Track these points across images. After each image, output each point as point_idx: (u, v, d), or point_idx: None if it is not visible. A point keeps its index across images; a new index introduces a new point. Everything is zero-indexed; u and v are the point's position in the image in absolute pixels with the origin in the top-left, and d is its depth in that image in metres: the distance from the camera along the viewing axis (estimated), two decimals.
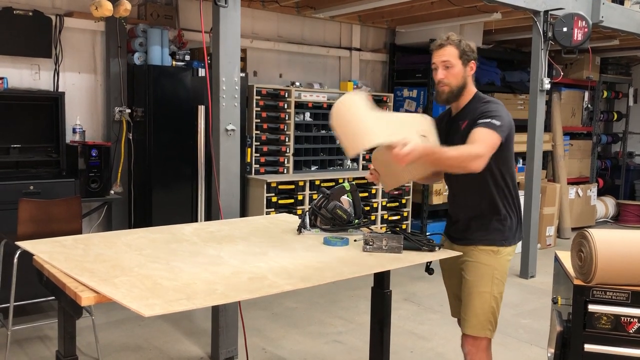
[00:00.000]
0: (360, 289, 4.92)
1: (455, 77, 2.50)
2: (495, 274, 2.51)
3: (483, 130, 2.35)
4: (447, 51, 2.50)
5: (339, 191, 2.93)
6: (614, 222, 8.58)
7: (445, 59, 2.50)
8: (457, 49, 2.49)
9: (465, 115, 2.52)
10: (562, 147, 7.68)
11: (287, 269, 2.22)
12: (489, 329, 2.52)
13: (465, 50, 2.49)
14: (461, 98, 2.55)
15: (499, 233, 2.52)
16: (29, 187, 3.98)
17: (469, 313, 2.53)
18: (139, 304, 1.77)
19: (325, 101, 5.78)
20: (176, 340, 3.88)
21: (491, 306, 2.50)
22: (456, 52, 2.49)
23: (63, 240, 2.55)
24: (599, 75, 8.22)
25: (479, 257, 2.52)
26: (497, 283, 2.51)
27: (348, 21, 6.36)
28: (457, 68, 2.50)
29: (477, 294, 2.51)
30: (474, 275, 2.52)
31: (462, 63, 2.50)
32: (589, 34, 5.13)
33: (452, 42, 2.49)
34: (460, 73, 2.50)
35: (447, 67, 2.50)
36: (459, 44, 2.49)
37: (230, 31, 3.47)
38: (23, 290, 3.57)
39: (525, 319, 4.44)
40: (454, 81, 2.51)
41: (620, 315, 2.11)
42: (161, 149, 4.74)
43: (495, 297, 2.51)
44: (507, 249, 2.53)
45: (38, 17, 4.40)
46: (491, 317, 2.51)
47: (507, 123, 2.40)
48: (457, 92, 2.52)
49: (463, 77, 2.51)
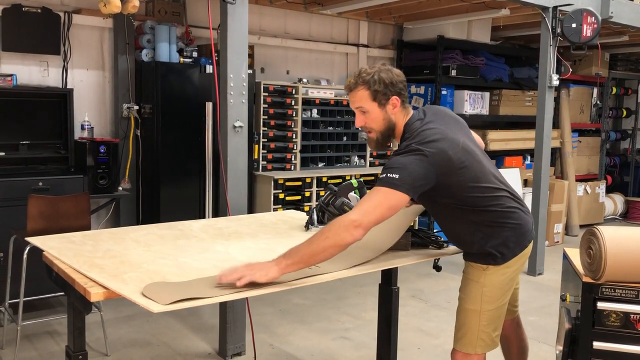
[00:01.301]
0: (367, 286, 4.93)
1: (375, 122, 2.20)
2: (484, 291, 2.29)
3: (371, 193, 2.05)
4: (358, 95, 2.18)
5: (346, 188, 2.92)
6: (623, 219, 8.53)
7: (357, 105, 2.20)
8: (368, 90, 2.16)
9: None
10: (570, 144, 7.63)
11: None
12: (479, 346, 2.31)
13: (377, 90, 2.15)
14: (396, 138, 2.26)
15: (483, 255, 2.28)
16: (38, 184, 4.00)
17: (459, 329, 2.36)
18: (148, 299, 1.78)
19: (333, 98, 5.78)
20: (184, 336, 3.89)
21: (480, 324, 2.29)
22: (367, 94, 2.16)
23: (72, 236, 2.56)
24: (608, 72, 8.16)
25: (469, 272, 2.35)
26: (487, 300, 2.29)
27: (355, 17, 6.34)
28: (374, 112, 2.18)
29: (464, 311, 2.33)
30: (463, 291, 2.36)
31: (378, 105, 2.18)
32: (598, 30, 5.09)
33: (363, 81, 2.16)
34: (379, 116, 2.19)
35: (363, 111, 2.21)
36: (371, 82, 2.15)
37: (238, 28, 3.47)
38: (32, 285, 3.59)
39: (533, 316, 4.43)
40: (375, 127, 2.22)
41: (630, 313, 2.10)
42: (169, 145, 4.75)
43: (486, 314, 2.30)
44: (498, 267, 2.28)
45: (47, 14, 4.42)
46: (482, 335, 2.30)
47: (414, 173, 2.03)
48: (385, 136, 2.23)
49: (385, 118, 2.20)
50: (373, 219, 2.02)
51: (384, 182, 2.03)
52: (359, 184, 2.96)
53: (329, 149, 5.84)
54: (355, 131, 5.97)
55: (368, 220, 2.01)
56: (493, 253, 2.27)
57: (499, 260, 2.28)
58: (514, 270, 2.34)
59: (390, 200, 2.02)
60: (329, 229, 2.01)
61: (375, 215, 2.02)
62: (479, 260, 2.30)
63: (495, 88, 6.99)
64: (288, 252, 2.01)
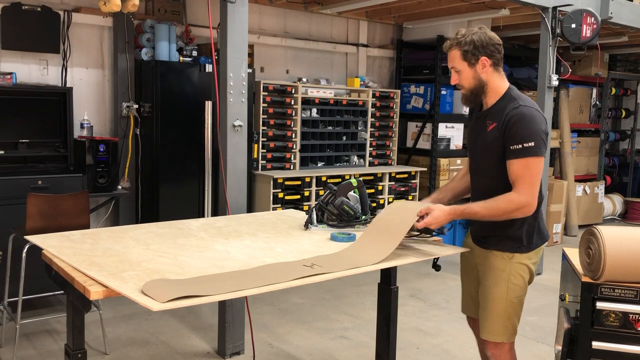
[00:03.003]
0: (366, 285, 4.93)
1: (466, 80, 2.39)
2: (511, 279, 2.40)
3: (520, 165, 2.25)
4: (451, 55, 2.39)
5: (346, 187, 2.93)
6: (622, 219, 8.54)
7: (451, 64, 2.40)
8: (460, 50, 2.35)
9: (494, 116, 2.37)
10: (569, 144, 7.64)
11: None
12: (507, 334, 2.44)
13: (468, 50, 2.33)
14: (487, 97, 2.41)
15: (512, 240, 2.40)
16: (37, 182, 4.00)
17: (486, 318, 2.46)
18: (148, 298, 1.78)
19: (332, 97, 5.78)
20: (183, 335, 3.89)
21: (507, 312, 2.42)
22: (458, 54, 2.36)
23: (71, 234, 2.56)
24: (608, 72, 8.17)
25: (494, 262, 2.44)
26: (512, 288, 2.41)
27: (355, 17, 6.34)
28: (465, 71, 2.37)
29: (492, 300, 2.43)
30: (489, 280, 2.45)
31: (468, 64, 2.36)
32: (597, 31, 5.09)
33: (457, 42, 2.36)
34: (469, 75, 2.37)
35: (456, 71, 2.40)
36: (462, 43, 2.34)
37: (238, 27, 3.47)
38: (31, 284, 3.59)
39: (532, 316, 4.43)
40: (466, 84, 2.40)
41: (629, 313, 2.10)
42: (168, 144, 4.75)
43: (513, 302, 2.42)
44: (522, 255, 2.41)
45: (46, 12, 4.41)
46: (508, 323, 2.43)
47: (540, 133, 2.26)
48: (475, 93, 2.41)
49: (475, 77, 2.37)
50: (536, 191, 2.30)
51: (527, 152, 2.24)
52: (359, 184, 2.96)
53: (329, 149, 5.84)
54: (355, 131, 5.98)
55: (534, 196, 2.29)
56: (522, 239, 2.40)
57: (523, 249, 2.40)
58: (534, 263, 2.46)
59: (539, 166, 2.27)
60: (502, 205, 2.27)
61: (537, 187, 2.29)
62: (506, 247, 2.41)
63: None
64: (463, 208, 2.33)
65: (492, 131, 2.36)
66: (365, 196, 2.98)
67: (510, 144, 2.27)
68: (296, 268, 2.15)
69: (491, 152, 2.36)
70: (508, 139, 2.28)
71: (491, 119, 2.38)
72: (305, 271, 2.12)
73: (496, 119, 2.35)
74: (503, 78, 2.42)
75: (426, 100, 6.45)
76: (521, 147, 2.25)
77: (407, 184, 6.15)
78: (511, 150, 2.27)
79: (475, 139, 2.48)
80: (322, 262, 2.23)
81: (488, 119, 2.40)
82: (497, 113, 2.36)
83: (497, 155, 2.34)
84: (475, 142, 2.48)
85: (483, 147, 2.41)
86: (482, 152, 2.44)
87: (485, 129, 2.40)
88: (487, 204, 2.30)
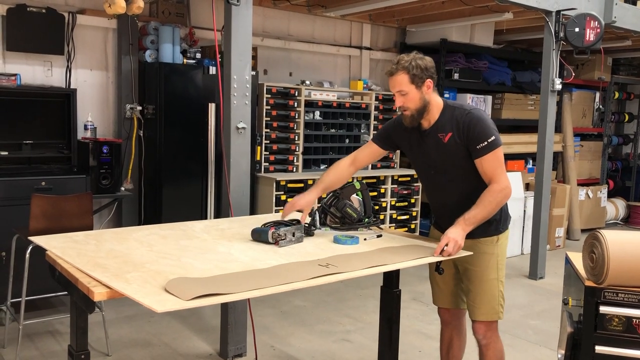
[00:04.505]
0: (368, 288, 4.93)
1: (412, 101, 2.54)
2: (498, 260, 2.65)
3: (491, 158, 2.50)
4: (397, 79, 2.52)
5: (349, 190, 2.93)
6: (624, 223, 8.53)
7: (397, 88, 2.53)
8: (407, 74, 2.50)
9: (444, 128, 2.57)
10: (572, 148, 7.63)
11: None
12: (500, 312, 2.67)
13: (415, 74, 2.50)
14: (429, 114, 2.59)
15: (495, 224, 2.64)
16: (41, 183, 4.01)
17: (481, 301, 2.65)
18: (151, 299, 1.79)
19: (335, 100, 5.78)
20: (185, 337, 3.89)
21: (499, 290, 2.65)
22: (406, 78, 2.51)
23: (75, 235, 2.57)
24: (611, 76, 8.17)
25: (482, 248, 2.62)
26: (500, 268, 2.66)
27: (359, 20, 6.35)
28: (412, 93, 2.52)
29: (486, 282, 2.64)
30: (479, 265, 2.64)
31: (415, 87, 2.51)
32: (601, 35, 5.09)
33: (402, 67, 2.51)
34: (416, 97, 2.53)
35: (402, 94, 2.53)
36: (409, 68, 2.50)
37: (242, 29, 3.47)
38: (34, 285, 3.60)
39: (534, 320, 4.43)
40: (412, 106, 2.55)
41: (632, 317, 2.10)
42: (172, 146, 4.76)
43: (502, 281, 2.67)
44: (504, 234, 2.68)
45: (51, 14, 4.43)
46: (501, 300, 2.66)
47: (494, 126, 2.54)
48: (420, 113, 2.56)
49: (421, 99, 2.54)
50: (507, 179, 2.55)
51: (493, 145, 2.50)
52: (362, 186, 2.96)
53: (331, 151, 5.84)
54: (358, 133, 5.98)
55: (508, 178, 2.55)
56: (499, 220, 2.65)
57: (501, 229, 2.67)
58: (506, 243, 2.73)
59: (501, 156, 2.54)
60: (491, 198, 2.49)
61: (505, 173, 2.55)
62: (491, 232, 2.63)
63: (498, 92, 6.99)
64: (467, 218, 2.47)
65: (450, 140, 2.55)
66: (369, 199, 2.98)
67: (476, 144, 2.50)
68: (312, 268, 2.18)
69: (457, 158, 2.56)
70: (472, 140, 2.51)
71: (442, 131, 2.58)
72: (321, 270, 2.15)
73: (449, 129, 2.56)
74: (437, 94, 2.64)
75: None
76: (486, 144, 2.49)
77: (410, 187, 6.15)
78: (478, 149, 2.50)
79: (431, 154, 2.63)
80: (337, 262, 2.26)
81: (439, 132, 2.59)
82: (446, 124, 2.57)
83: (464, 159, 2.55)
84: (433, 157, 2.63)
85: (445, 157, 2.59)
86: (447, 162, 2.61)
87: (441, 141, 2.58)
88: (482, 204, 2.50)
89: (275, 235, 2.52)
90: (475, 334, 2.70)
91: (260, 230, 2.59)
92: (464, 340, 2.96)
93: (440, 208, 2.76)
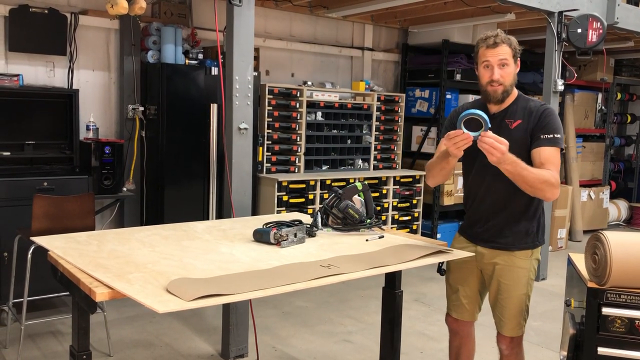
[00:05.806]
0: (370, 289, 4.92)
1: (509, 76, 2.49)
2: (530, 275, 2.59)
3: (552, 152, 2.42)
4: (503, 50, 2.46)
5: (351, 190, 2.93)
6: (626, 225, 8.51)
7: (503, 57, 2.46)
8: (510, 48, 2.47)
9: (514, 114, 2.51)
10: (574, 149, 7.62)
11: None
12: (523, 326, 2.62)
13: (517, 49, 2.49)
14: (509, 96, 2.54)
15: (532, 236, 2.57)
16: (43, 184, 4.01)
17: (509, 316, 2.58)
18: (153, 300, 1.79)
19: (337, 101, 5.78)
20: (187, 338, 3.89)
21: (526, 305, 2.61)
22: (510, 51, 2.47)
23: (77, 236, 2.57)
24: (613, 77, 8.15)
25: (515, 262, 2.56)
26: (530, 283, 2.61)
27: (361, 21, 6.35)
28: (512, 67, 2.49)
29: (516, 297, 2.57)
30: (511, 279, 2.56)
31: (514, 62, 2.50)
32: (603, 36, 5.08)
33: (505, 40, 2.47)
34: (513, 72, 2.50)
35: (504, 65, 2.47)
36: (511, 43, 2.48)
37: (244, 30, 3.48)
38: (36, 285, 3.60)
39: (536, 322, 4.42)
40: (508, 80, 2.49)
41: (635, 319, 2.10)
42: (173, 146, 4.76)
43: (529, 296, 2.62)
44: (538, 249, 2.61)
45: (53, 15, 4.44)
46: (525, 315, 2.62)
47: (562, 130, 2.49)
48: (509, 91, 2.52)
49: (514, 75, 2.51)
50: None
51: (557, 142, 2.43)
52: (364, 187, 2.96)
53: (333, 152, 5.84)
54: (360, 134, 5.97)
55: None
56: (536, 233, 2.58)
57: (537, 243, 2.59)
58: (539, 259, 2.65)
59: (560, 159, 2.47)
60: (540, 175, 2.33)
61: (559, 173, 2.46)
62: (527, 245, 2.56)
63: None
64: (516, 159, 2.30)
65: (517, 127, 2.48)
66: (370, 200, 2.98)
67: (542, 133, 2.43)
68: (314, 268, 2.18)
69: (517, 146, 2.40)
70: (539, 128, 2.44)
71: (512, 117, 2.52)
72: (322, 271, 2.15)
73: (519, 117, 2.50)
74: None
75: (431, 104, 6.45)
76: (552, 137, 2.43)
77: (412, 188, 6.14)
78: (542, 138, 2.43)
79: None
80: (338, 263, 2.26)
81: (507, 118, 2.52)
82: (518, 111, 2.51)
83: (523, 152, 2.44)
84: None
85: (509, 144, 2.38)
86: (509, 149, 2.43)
87: (507, 127, 2.50)
88: (530, 169, 2.34)
89: (277, 236, 2.52)
90: (499, 343, 2.66)
91: (262, 230, 2.59)
92: (473, 347, 2.89)
93: (477, 207, 2.62)
